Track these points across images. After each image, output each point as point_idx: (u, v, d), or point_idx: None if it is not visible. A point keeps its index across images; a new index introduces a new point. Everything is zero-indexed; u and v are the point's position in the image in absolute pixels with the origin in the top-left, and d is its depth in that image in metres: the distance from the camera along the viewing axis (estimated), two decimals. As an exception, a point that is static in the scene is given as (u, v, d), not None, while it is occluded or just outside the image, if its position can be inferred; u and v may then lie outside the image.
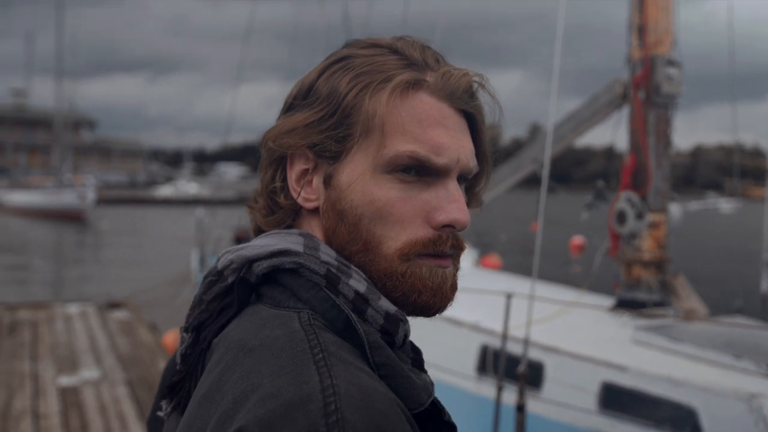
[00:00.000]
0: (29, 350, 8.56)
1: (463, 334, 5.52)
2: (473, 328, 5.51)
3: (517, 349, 4.64)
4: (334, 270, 0.81)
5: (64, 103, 50.06)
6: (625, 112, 6.11)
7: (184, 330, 0.85)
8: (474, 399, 5.26)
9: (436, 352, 5.11)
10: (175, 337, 9.05)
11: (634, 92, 5.83)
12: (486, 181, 0.94)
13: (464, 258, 0.89)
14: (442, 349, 5.39)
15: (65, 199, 37.72)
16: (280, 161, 0.88)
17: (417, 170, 0.81)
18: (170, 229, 32.46)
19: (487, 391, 5.08)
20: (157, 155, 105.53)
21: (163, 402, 0.87)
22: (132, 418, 6.34)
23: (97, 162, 78.57)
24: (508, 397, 4.58)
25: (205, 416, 0.71)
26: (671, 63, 5.72)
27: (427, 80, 0.83)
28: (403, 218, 0.81)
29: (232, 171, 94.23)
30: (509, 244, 23.49)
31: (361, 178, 0.82)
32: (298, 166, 0.86)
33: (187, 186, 63.03)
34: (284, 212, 0.88)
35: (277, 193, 0.88)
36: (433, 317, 0.86)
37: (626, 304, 5.87)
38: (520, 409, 4.23)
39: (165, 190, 61.91)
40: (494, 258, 15.34)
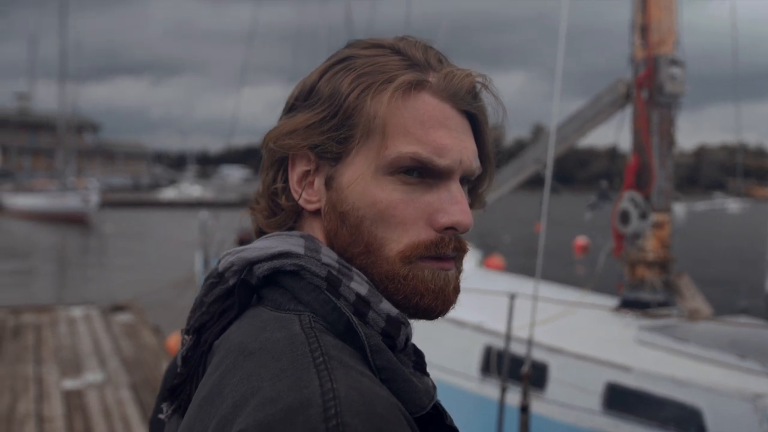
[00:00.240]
0: (33, 353, 8.57)
1: (466, 335, 5.51)
2: (477, 329, 5.50)
3: (521, 350, 4.63)
4: (335, 272, 0.80)
5: (68, 107, 50.22)
6: (628, 112, 6.09)
7: (185, 332, 0.84)
8: (478, 400, 5.25)
9: (440, 353, 5.10)
10: (178, 340, 9.04)
11: (638, 92, 5.82)
12: (489, 182, 0.93)
13: (467, 259, 0.89)
14: (445, 350, 5.39)
15: (69, 202, 37.78)
16: (282, 162, 0.87)
17: (419, 172, 0.81)
18: (174, 232, 32.51)
19: (490, 391, 5.07)
20: (160, 158, 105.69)
21: (164, 404, 0.87)
22: (136, 421, 6.34)
23: (100, 165, 78.72)
24: (512, 397, 4.57)
25: (204, 419, 0.70)
26: (674, 62, 5.70)
27: (430, 81, 0.82)
28: (405, 220, 0.81)
29: (235, 173, 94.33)
30: (512, 245, 23.46)
31: (363, 179, 0.81)
32: (299, 167, 0.86)
33: (191, 189, 63.12)
34: (286, 214, 0.88)
35: (279, 194, 0.87)
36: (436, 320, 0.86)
37: (630, 305, 5.85)
38: (524, 409, 4.22)
39: (168, 193, 62.00)
40: (497, 259, 15.32)
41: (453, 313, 0.86)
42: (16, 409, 6.56)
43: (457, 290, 0.84)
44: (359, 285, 0.80)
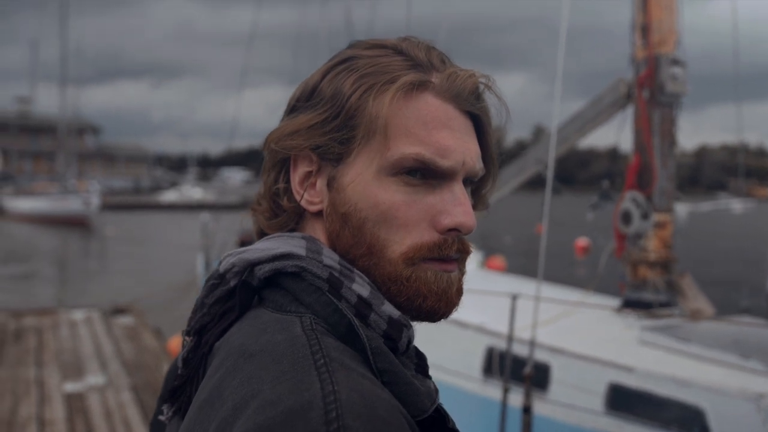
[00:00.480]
0: (34, 357, 8.57)
1: (468, 336, 5.50)
2: (479, 329, 5.50)
3: (523, 351, 4.62)
4: (336, 274, 0.80)
5: (68, 110, 50.23)
6: (629, 112, 6.09)
7: (186, 333, 0.84)
8: (480, 401, 5.24)
9: (442, 354, 5.09)
10: (179, 342, 9.04)
11: (639, 92, 5.82)
12: (492, 183, 0.92)
13: (469, 260, 0.88)
14: (447, 352, 5.38)
15: (70, 205, 37.81)
16: (284, 163, 0.87)
17: (422, 173, 0.80)
18: (174, 235, 32.50)
19: (493, 392, 5.06)
20: (161, 161, 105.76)
21: (165, 406, 0.86)
22: (137, 423, 6.33)
23: (101, 168, 78.82)
24: (514, 398, 4.56)
25: (204, 422, 0.69)
26: (675, 62, 5.70)
27: (433, 81, 0.82)
28: (408, 222, 0.80)
29: (236, 176, 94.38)
30: (513, 246, 23.46)
31: (365, 180, 0.80)
32: (301, 168, 0.85)
33: (192, 191, 63.19)
34: (287, 215, 0.87)
35: (281, 195, 0.87)
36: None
37: (632, 305, 5.84)
38: (527, 410, 4.21)
39: (169, 196, 62.07)
40: (498, 260, 15.31)
41: (455, 314, 0.85)
42: (18, 412, 6.55)
43: (460, 292, 0.84)
44: (361, 287, 0.79)
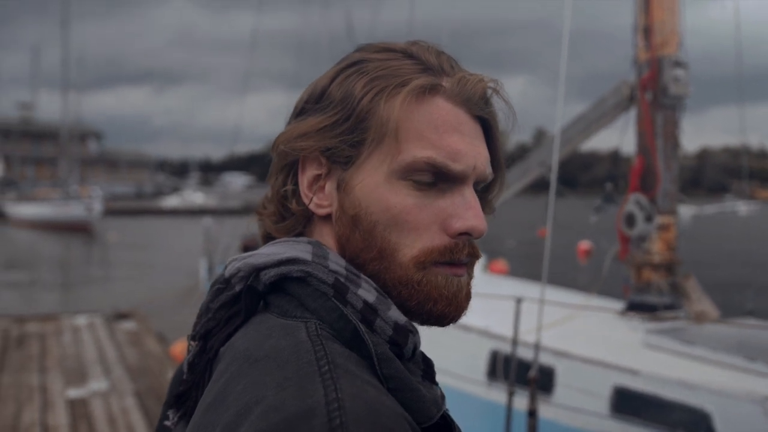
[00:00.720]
0: (37, 363, 8.56)
1: (472, 340, 5.49)
2: (483, 333, 5.48)
3: (528, 354, 4.61)
4: (342, 279, 0.79)
5: (70, 116, 50.34)
6: (632, 115, 6.08)
7: (191, 338, 0.84)
8: (485, 405, 5.23)
9: (446, 358, 5.08)
10: (183, 348, 9.04)
11: (642, 94, 5.81)
12: (499, 188, 0.92)
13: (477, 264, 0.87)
14: (451, 355, 5.36)
15: (72, 210, 37.87)
16: (292, 166, 0.86)
17: (433, 177, 0.80)
18: (177, 240, 32.53)
19: (497, 396, 5.04)
20: (163, 166, 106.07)
21: (170, 411, 0.86)
22: (141, 429, 6.32)
23: (103, 173, 78.96)
24: (518, 402, 4.54)
25: (208, 427, 0.69)
26: (678, 64, 5.69)
27: (444, 85, 0.82)
28: (419, 225, 0.80)
29: (237, 181, 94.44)
30: (515, 250, 23.44)
31: (376, 183, 0.80)
32: (309, 171, 0.85)
33: (194, 196, 63.24)
34: (295, 218, 0.87)
35: (289, 198, 0.86)
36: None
37: (637, 308, 5.83)
38: (532, 414, 4.19)
39: (171, 201, 62.12)
40: (501, 263, 15.30)
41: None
42: (21, 418, 6.54)
43: (468, 296, 0.84)
44: (367, 292, 0.79)
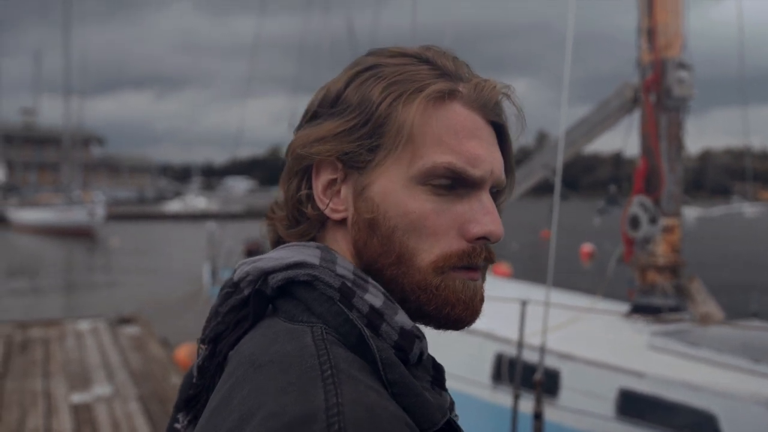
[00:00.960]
0: (41, 368, 8.55)
1: (477, 343, 5.48)
2: (487, 336, 5.47)
3: (532, 357, 4.60)
4: (349, 284, 0.79)
5: (73, 121, 50.42)
6: (635, 117, 6.08)
7: (201, 341, 0.84)
8: (490, 408, 5.22)
9: (451, 361, 5.06)
10: (187, 352, 9.04)
11: (645, 96, 5.80)
12: (509, 193, 0.92)
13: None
14: (456, 358, 5.36)
15: (75, 216, 37.91)
16: (306, 171, 0.86)
17: (452, 182, 0.80)
18: (180, 244, 32.55)
19: (503, 399, 5.04)
20: (165, 170, 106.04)
21: (180, 414, 0.87)
22: (145, 434, 6.31)
23: (106, 178, 79.07)
24: (524, 405, 4.54)
25: (212, 431, 0.69)
26: (682, 66, 5.69)
27: (461, 91, 0.82)
28: (438, 230, 0.80)
29: (239, 185, 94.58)
30: (518, 252, 23.43)
31: (395, 189, 0.80)
32: (324, 175, 0.84)
33: (196, 201, 63.31)
34: (309, 223, 0.86)
35: (304, 203, 0.86)
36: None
37: (641, 310, 5.82)
38: (538, 417, 4.18)
39: (174, 206, 62.20)
40: (505, 266, 15.29)
41: None
42: (25, 424, 6.54)
43: (482, 300, 0.84)
44: (374, 297, 0.79)
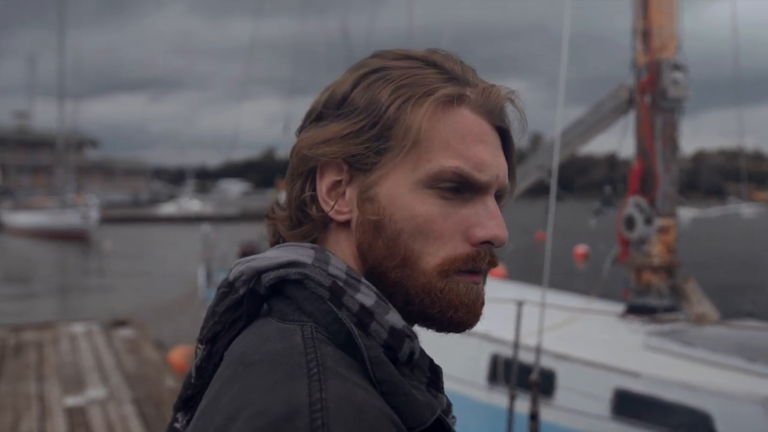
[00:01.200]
0: (35, 371, 8.52)
1: (473, 344, 5.48)
2: (483, 337, 5.47)
3: (528, 358, 4.60)
4: (341, 283, 0.79)
5: (66, 124, 50.27)
6: (631, 118, 6.09)
7: (199, 342, 0.84)
8: (486, 408, 5.22)
9: (447, 362, 5.06)
10: (181, 354, 9.02)
11: (641, 97, 5.82)
12: (510, 198, 0.93)
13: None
14: (452, 359, 5.35)
15: (69, 219, 37.81)
16: (310, 172, 0.86)
17: (458, 186, 0.81)
18: (174, 247, 32.49)
19: (498, 400, 5.04)
20: (159, 173, 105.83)
21: (179, 414, 0.87)
22: (140, 437, 6.29)
23: (100, 181, 78.77)
24: (520, 405, 4.54)
25: (202, 430, 0.69)
26: (677, 67, 5.70)
27: (468, 95, 0.83)
28: (443, 234, 0.80)
29: (234, 188, 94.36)
30: (512, 253, 23.45)
31: (402, 192, 0.80)
32: (329, 177, 0.85)
33: (190, 203, 63.17)
34: (313, 224, 0.86)
35: (308, 204, 0.86)
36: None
37: (637, 310, 5.83)
38: (534, 417, 4.18)
39: (168, 208, 62.07)
40: (500, 267, 15.29)
41: None
42: (19, 427, 6.51)
43: (483, 304, 0.85)
44: (365, 296, 0.79)
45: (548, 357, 4.82)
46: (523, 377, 4.61)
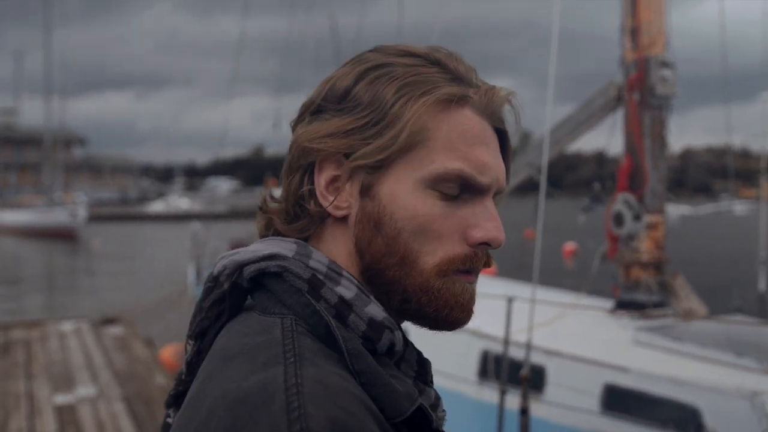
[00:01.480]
0: (24, 369, 8.48)
1: (463, 340, 5.49)
2: (474, 333, 5.49)
3: (518, 354, 4.62)
4: (320, 276, 0.80)
5: (54, 121, 49.99)
6: (619, 115, 6.11)
7: (188, 338, 0.85)
8: (476, 404, 5.24)
9: (437, 358, 5.07)
10: (172, 352, 9.00)
11: (629, 94, 5.84)
12: (503, 198, 0.93)
13: None
14: (443, 355, 5.37)
15: (56, 217, 37.59)
16: (309, 166, 0.85)
17: (459, 187, 0.81)
18: (163, 245, 32.37)
19: (489, 396, 5.06)
20: (147, 171, 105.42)
21: (171, 410, 0.87)
22: (131, 435, 6.28)
23: (87, 179, 78.38)
24: (510, 401, 4.56)
25: (186, 425, 0.70)
26: (665, 64, 5.73)
27: (472, 96, 0.83)
28: (442, 234, 0.81)
29: (223, 185, 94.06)
30: (502, 251, 23.49)
31: (404, 191, 0.80)
32: (327, 171, 0.84)
33: (179, 201, 62.97)
34: (310, 219, 0.86)
35: (306, 198, 0.85)
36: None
37: (626, 306, 5.86)
38: (524, 412, 4.21)
39: (156, 206, 61.82)
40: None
41: None
42: (8, 426, 6.48)
43: (474, 302, 0.85)
44: (346, 289, 0.79)
45: (538, 353, 4.84)
46: (514, 373, 4.63)
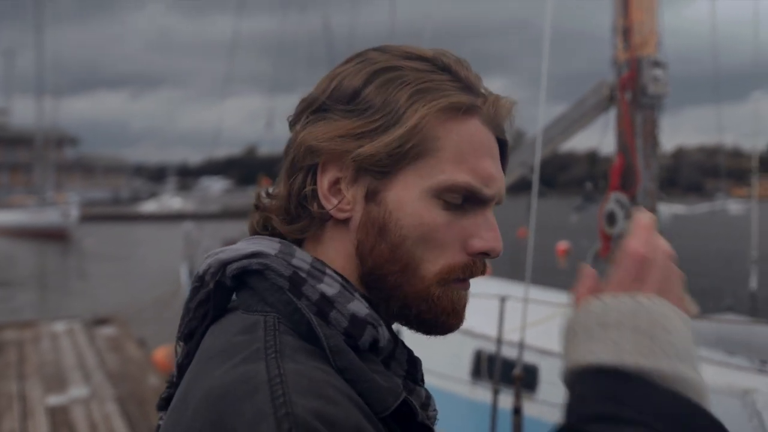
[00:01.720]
0: (16, 370, 8.45)
1: (456, 340, 5.50)
2: (466, 333, 5.50)
3: (511, 353, 4.63)
4: (302, 274, 0.79)
5: (46, 121, 49.75)
6: (611, 115, 6.12)
7: (178, 340, 0.85)
8: (469, 404, 5.25)
9: (430, 357, 5.08)
10: (165, 354, 8.99)
11: (621, 94, 5.85)
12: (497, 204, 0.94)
13: None
14: (436, 355, 5.37)
15: (48, 217, 37.45)
16: (311, 167, 0.84)
17: (463, 198, 0.82)
18: (156, 245, 32.28)
19: (482, 395, 5.07)
20: (140, 171, 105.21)
21: (162, 413, 0.87)
22: (123, 435, 6.27)
23: (80, 179, 78.10)
24: (503, 400, 4.57)
25: (172, 428, 0.70)
26: (657, 64, 5.73)
27: (480, 107, 0.83)
28: (444, 243, 0.81)
29: (215, 185, 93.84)
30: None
31: (410, 198, 0.80)
32: (331, 173, 0.83)
33: (171, 201, 62.81)
34: (311, 220, 0.85)
35: (308, 199, 0.84)
36: None
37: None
38: (517, 411, 4.21)
39: (149, 206, 61.66)
40: (482, 264, 15.33)
41: None
42: (1, 427, 6.46)
43: (466, 308, 0.86)
44: (328, 286, 0.79)
45: (531, 352, 4.85)
46: (507, 372, 4.63)
